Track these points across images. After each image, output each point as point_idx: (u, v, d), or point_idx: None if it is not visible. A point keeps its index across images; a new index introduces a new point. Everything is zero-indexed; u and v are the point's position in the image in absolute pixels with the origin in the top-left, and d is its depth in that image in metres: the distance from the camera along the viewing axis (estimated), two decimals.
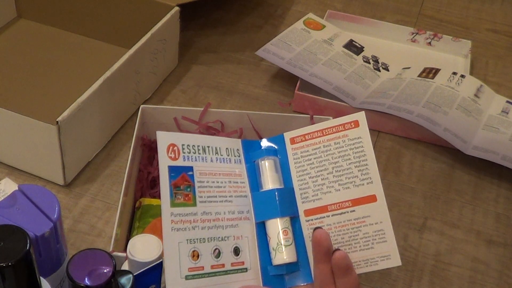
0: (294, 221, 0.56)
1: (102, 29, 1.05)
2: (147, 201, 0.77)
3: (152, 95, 0.98)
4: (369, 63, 1.05)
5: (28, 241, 0.46)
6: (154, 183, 0.82)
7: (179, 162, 0.54)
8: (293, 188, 0.57)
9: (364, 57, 1.06)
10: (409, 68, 1.04)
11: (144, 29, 0.91)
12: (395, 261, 0.54)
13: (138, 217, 0.75)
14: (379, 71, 1.04)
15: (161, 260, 0.56)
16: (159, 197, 0.79)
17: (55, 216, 0.59)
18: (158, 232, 0.73)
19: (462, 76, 1.00)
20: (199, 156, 0.55)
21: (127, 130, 0.91)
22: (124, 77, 0.87)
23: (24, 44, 1.05)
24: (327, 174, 0.56)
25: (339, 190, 0.55)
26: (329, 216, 0.55)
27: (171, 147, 0.55)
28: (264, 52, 1.02)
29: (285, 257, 0.54)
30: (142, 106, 0.82)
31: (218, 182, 0.56)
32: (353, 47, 1.07)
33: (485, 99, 0.98)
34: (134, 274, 0.52)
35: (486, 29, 1.23)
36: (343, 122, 0.58)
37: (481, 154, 0.89)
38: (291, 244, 0.55)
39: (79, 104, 0.78)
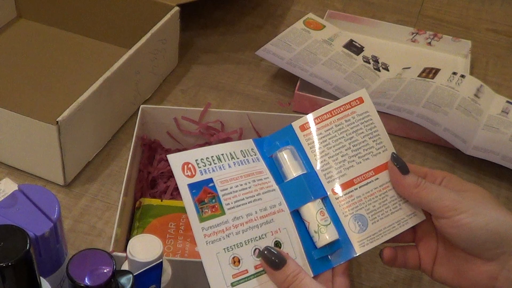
0: (325, 201, 0.58)
1: (102, 29, 1.05)
2: (147, 201, 0.77)
3: (152, 95, 0.98)
4: (369, 63, 1.05)
5: (28, 241, 0.46)
6: (154, 183, 0.82)
7: (197, 178, 0.54)
8: (316, 172, 0.58)
9: (364, 57, 1.06)
10: (409, 68, 1.04)
11: (144, 29, 0.91)
12: (420, 216, 0.58)
13: (138, 217, 0.75)
14: (379, 71, 1.04)
15: (161, 260, 0.56)
16: (159, 197, 0.80)
17: (55, 216, 0.59)
18: (158, 232, 0.73)
19: (462, 76, 1.00)
20: (216, 166, 0.56)
21: (127, 130, 0.91)
22: (124, 77, 0.87)
23: (24, 44, 1.05)
24: (346, 150, 0.59)
25: (360, 162, 0.58)
26: (356, 188, 0.58)
27: (185, 166, 0.55)
28: (264, 52, 1.02)
29: (328, 237, 0.56)
30: (142, 106, 0.82)
31: (241, 185, 0.56)
32: (353, 47, 1.07)
33: (485, 99, 0.98)
34: (134, 274, 0.52)
35: (486, 29, 1.23)
36: (349, 100, 0.60)
37: (481, 154, 0.89)
38: (330, 223, 0.57)
39: (79, 104, 0.78)
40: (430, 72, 1.01)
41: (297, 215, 0.57)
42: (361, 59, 1.05)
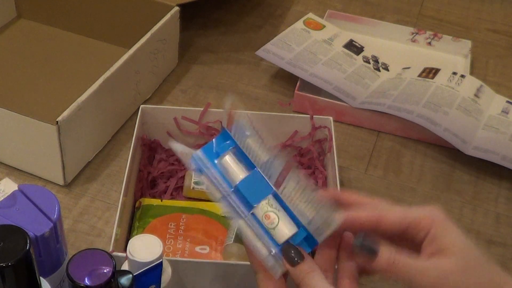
0: (275, 197, 0.55)
1: (102, 29, 1.05)
2: (147, 201, 0.77)
3: (152, 95, 0.98)
4: (369, 63, 1.05)
5: (28, 241, 0.46)
6: (154, 183, 0.82)
7: None
8: (258, 171, 0.55)
9: (364, 57, 1.06)
10: (409, 68, 1.04)
11: (144, 29, 0.91)
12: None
13: (138, 217, 0.75)
14: (379, 71, 1.04)
15: (161, 260, 0.56)
16: (159, 197, 0.80)
17: (55, 216, 0.59)
18: (158, 232, 0.73)
19: (462, 76, 1.00)
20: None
21: (127, 130, 0.91)
22: (124, 77, 0.87)
23: (24, 44, 1.05)
24: None
25: None
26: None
27: None
28: (264, 52, 1.02)
29: (280, 237, 0.53)
30: (142, 106, 0.82)
31: None
32: (353, 47, 1.07)
33: (485, 99, 0.98)
34: (134, 274, 0.52)
35: (486, 29, 1.23)
36: None
37: (481, 154, 0.89)
38: (276, 225, 0.54)
39: (79, 104, 0.78)
40: (430, 72, 1.01)
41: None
42: (361, 59, 1.05)
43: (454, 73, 1.01)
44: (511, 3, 1.31)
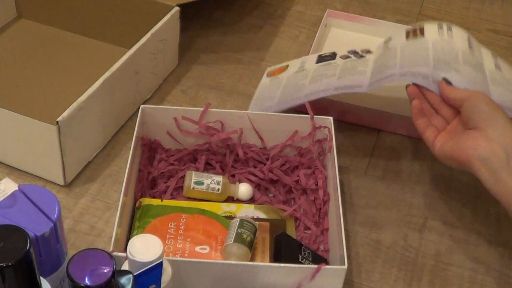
0: None
1: (102, 29, 1.05)
2: (147, 201, 0.77)
3: (152, 95, 0.98)
4: (350, 57, 0.96)
5: (28, 241, 0.46)
6: (154, 183, 0.82)
7: None
8: None
9: (341, 56, 0.96)
10: (390, 39, 0.94)
11: (144, 29, 0.91)
12: None
13: (138, 217, 0.75)
14: (364, 57, 0.94)
15: (161, 260, 0.56)
16: (159, 197, 0.80)
17: (55, 216, 0.59)
18: (158, 232, 0.73)
19: (449, 28, 0.90)
20: None
21: (127, 130, 0.91)
22: (124, 77, 0.87)
23: (24, 44, 1.05)
24: None
25: None
26: None
27: None
28: (255, 106, 0.92)
29: None
30: (142, 106, 0.82)
31: None
32: (326, 57, 0.97)
33: (477, 51, 0.90)
34: (134, 274, 0.52)
35: (486, 29, 1.23)
36: None
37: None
38: None
39: (79, 104, 0.78)
40: (415, 32, 0.91)
41: None
42: (340, 59, 0.95)
43: (440, 27, 0.90)
44: (511, 3, 1.31)
